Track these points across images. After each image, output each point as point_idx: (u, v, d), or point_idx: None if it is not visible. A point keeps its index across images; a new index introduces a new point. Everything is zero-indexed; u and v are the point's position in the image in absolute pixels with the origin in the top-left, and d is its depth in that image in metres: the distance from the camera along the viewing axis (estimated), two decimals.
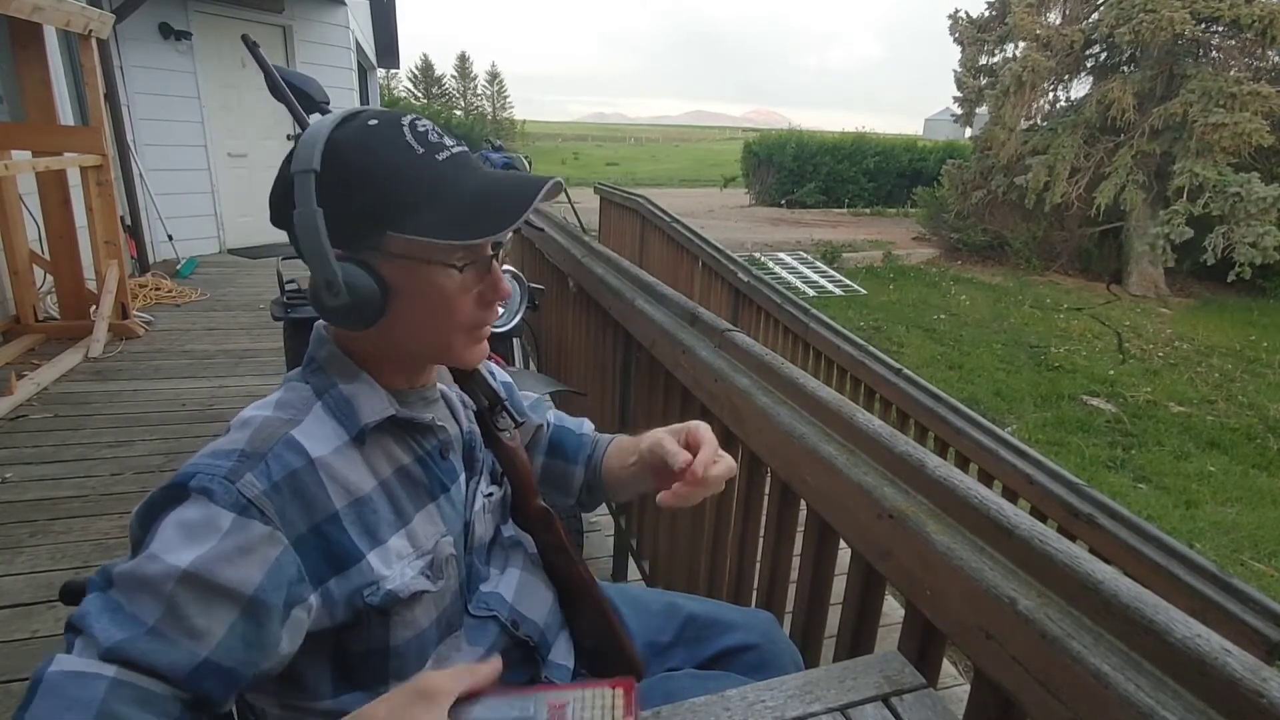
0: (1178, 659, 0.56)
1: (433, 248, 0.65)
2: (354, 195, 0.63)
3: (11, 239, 3.62)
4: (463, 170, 0.67)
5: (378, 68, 12.43)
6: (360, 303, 0.64)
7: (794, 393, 1.11)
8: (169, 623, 0.54)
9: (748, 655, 0.93)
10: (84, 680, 0.51)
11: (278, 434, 0.63)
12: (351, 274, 0.63)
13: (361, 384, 0.69)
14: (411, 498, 0.70)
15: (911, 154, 17.63)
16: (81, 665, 0.52)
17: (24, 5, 3.01)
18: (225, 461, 0.60)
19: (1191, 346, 8.39)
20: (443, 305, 0.68)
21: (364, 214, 0.64)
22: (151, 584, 0.55)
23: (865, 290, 9.74)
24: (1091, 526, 1.94)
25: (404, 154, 0.64)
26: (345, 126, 0.65)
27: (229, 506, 0.57)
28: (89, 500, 2.31)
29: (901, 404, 2.69)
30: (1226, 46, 10.56)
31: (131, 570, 0.55)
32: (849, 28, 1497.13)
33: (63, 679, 0.51)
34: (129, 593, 0.55)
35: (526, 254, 3.28)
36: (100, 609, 0.54)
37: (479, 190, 0.66)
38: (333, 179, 0.63)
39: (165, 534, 0.57)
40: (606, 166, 31.13)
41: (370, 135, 0.65)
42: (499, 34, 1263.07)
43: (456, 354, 0.73)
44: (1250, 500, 4.89)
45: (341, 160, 0.63)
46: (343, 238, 0.64)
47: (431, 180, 0.65)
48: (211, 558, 0.56)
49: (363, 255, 0.65)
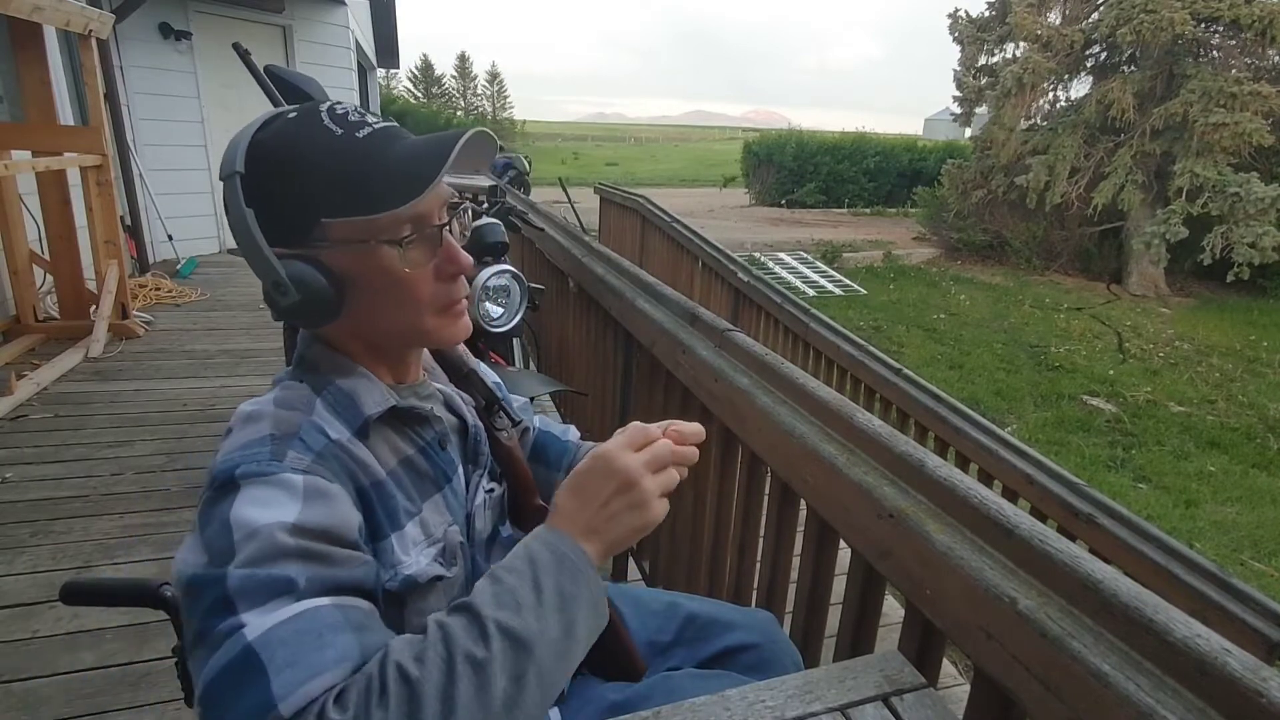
0: (1178, 658, 0.56)
1: (368, 226, 0.63)
2: (281, 189, 0.63)
3: (11, 239, 3.62)
4: (387, 143, 0.64)
5: (378, 68, 12.43)
6: (312, 298, 0.63)
7: (794, 393, 1.11)
8: (305, 565, 0.52)
9: (748, 655, 0.93)
10: (307, 614, 0.49)
11: (298, 419, 0.63)
12: (297, 270, 0.62)
13: (360, 378, 0.69)
14: (419, 488, 0.70)
15: (911, 154, 17.64)
16: (294, 609, 0.49)
17: (24, 5, 3.01)
18: (261, 448, 0.59)
19: (1191, 346, 8.39)
20: (399, 286, 0.66)
21: (295, 206, 0.63)
22: (276, 539, 0.52)
23: (865, 290, 9.75)
24: (1091, 526, 1.94)
25: (322, 138, 0.63)
26: (267, 127, 0.65)
27: (294, 474, 0.57)
28: (90, 500, 2.31)
29: (901, 404, 2.69)
30: (1226, 46, 10.56)
31: (242, 561, 0.51)
32: (849, 27, 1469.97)
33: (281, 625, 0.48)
34: (258, 551, 0.51)
35: (526, 254, 3.28)
36: (239, 591, 0.49)
37: (401, 158, 0.63)
38: (259, 178, 0.63)
39: (244, 517, 0.53)
40: (606, 166, 31.13)
41: (289, 128, 0.64)
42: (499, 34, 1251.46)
43: (434, 334, 0.70)
44: (1250, 500, 4.89)
45: (264, 158, 0.63)
46: (282, 235, 0.63)
47: (354, 158, 0.63)
48: (304, 513, 0.54)
49: (307, 250, 0.64)
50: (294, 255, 0.63)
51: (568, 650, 0.54)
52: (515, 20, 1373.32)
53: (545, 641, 0.52)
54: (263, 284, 0.64)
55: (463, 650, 0.49)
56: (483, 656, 0.49)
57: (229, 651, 0.48)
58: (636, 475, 0.59)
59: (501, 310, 1.99)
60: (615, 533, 0.59)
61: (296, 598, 0.50)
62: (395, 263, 0.65)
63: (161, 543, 2.11)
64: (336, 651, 0.49)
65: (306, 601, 0.50)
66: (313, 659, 0.48)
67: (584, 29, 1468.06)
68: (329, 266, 0.64)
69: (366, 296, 0.66)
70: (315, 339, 0.71)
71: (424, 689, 0.47)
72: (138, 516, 2.24)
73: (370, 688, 0.47)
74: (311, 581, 0.52)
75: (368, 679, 0.48)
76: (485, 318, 1.92)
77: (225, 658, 0.48)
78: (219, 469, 0.57)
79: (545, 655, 0.51)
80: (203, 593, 0.51)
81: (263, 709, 0.46)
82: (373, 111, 0.69)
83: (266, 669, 0.47)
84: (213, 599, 0.50)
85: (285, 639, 0.48)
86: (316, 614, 0.50)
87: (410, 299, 0.67)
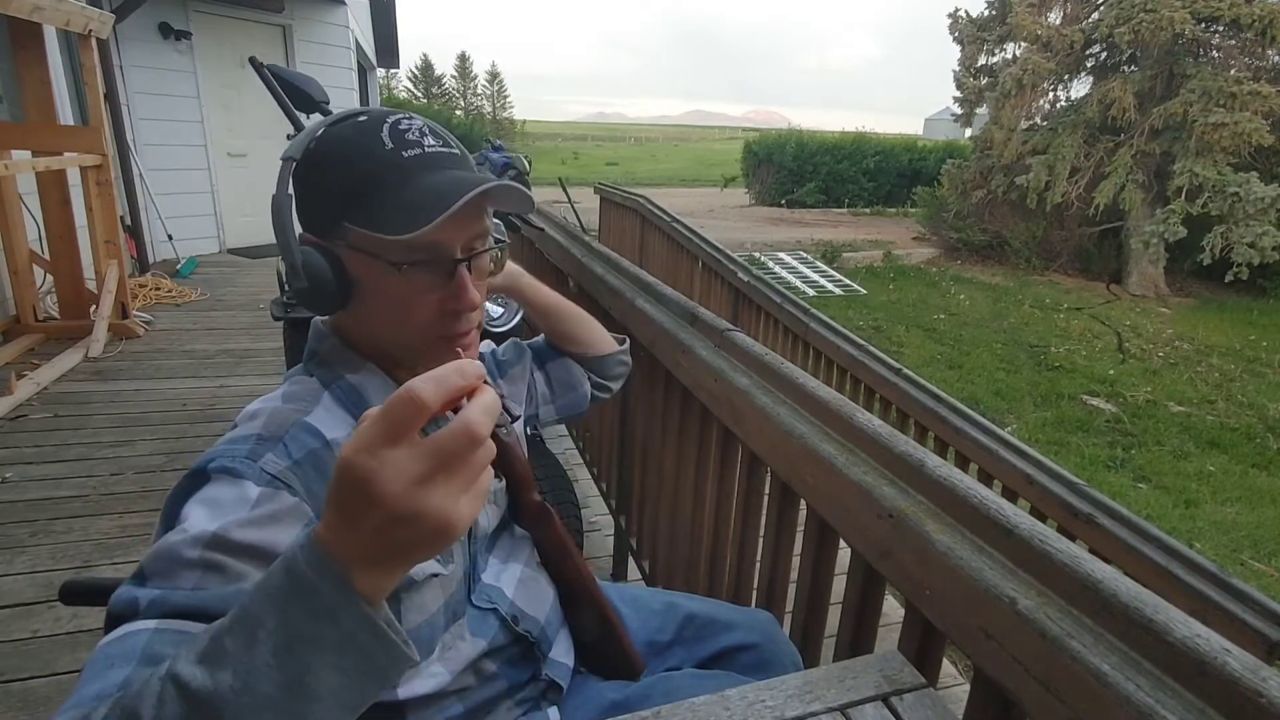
0: (1177, 659, 0.56)
1: (376, 242, 0.64)
2: (320, 184, 0.66)
3: (11, 239, 3.62)
4: (426, 169, 0.65)
5: (378, 68, 12.43)
6: (317, 288, 0.66)
7: (794, 392, 1.11)
8: (205, 577, 0.52)
9: (748, 655, 0.93)
10: (124, 639, 0.48)
11: (290, 420, 0.64)
12: (311, 259, 0.65)
13: (368, 373, 0.71)
14: None
15: (911, 154, 17.63)
16: (120, 631, 0.49)
17: (24, 5, 3.01)
18: (243, 445, 0.60)
19: (1191, 346, 8.39)
20: (395, 305, 0.67)
21: (326, 202, 0.66)
22: (181, 552, 0.52)
23: (865, 290, 9.74)
24: (1091, 526, 1.94)
25: (372, 148, 0.65)
26: (341, 123, 0.68)
27: (255, 481, 0.58)
28: (89, 500, 2.31)
29: (901, 404, 2.69)
30: (1226, 46, 10.55)
31: (159, 546, 0.53)
32: (849, 27, 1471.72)
33: (103, 647, 0.48)
34: (159, 565, 0.52)
35: (526, 254, 3.28)
36: (132, 590, 0.51)
37: (431, 189, 0.64)
38: (308, 168, 0.66)
39: (193, 512, 0.55)
40: (606, 166, 31.13)
41: (352, 130, 0.67)
42: (499, 34, 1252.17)
43: (425, 359, 0.68)
44: (1250, 500, 4.89)
45: (320, 152, 0.66)
46: (312, 225, 0.67)
47: (390, 175, 0.64)
48: (240, 523, 0.54)
49: (330, 245, 0.67)
50: (319, 245, 0.67)
51: (295, 712, 0.39)
52: (515, 20, 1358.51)
53: (247, 705, 0.39)
54: (283, 265, 0.67)
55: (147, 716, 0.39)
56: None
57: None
58: (403, 500, 0.39)
59: (501, 310, 1.99)
60: (401, 559, 0.42)
61: (132, 618, 0.49)
62: (392, 282, 0.66)
63: None
64: (99, 686, 0.44)
65: (133, 624, 0.48)
66: (83, 691, 0.45)
67: (584, 29, 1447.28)
68: (344, 264, 0.67)
69: (369, 304, 0.68)
70: (330, 333, 0.73)
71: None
72: (137, 516, 2.24)
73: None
74: (153, 604, 0.49)
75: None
76: (485, 318, 1.92)
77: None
78: (200, 459, 0.60)
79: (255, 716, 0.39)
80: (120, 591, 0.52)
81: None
82: (443, 134, 0.70)
83: (73, 693, 0.45)
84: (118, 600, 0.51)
85: (95, 660, 0.46)
86: (126, 640, 0.47)
87: (403, 320, 0.68)
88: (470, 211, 0.65)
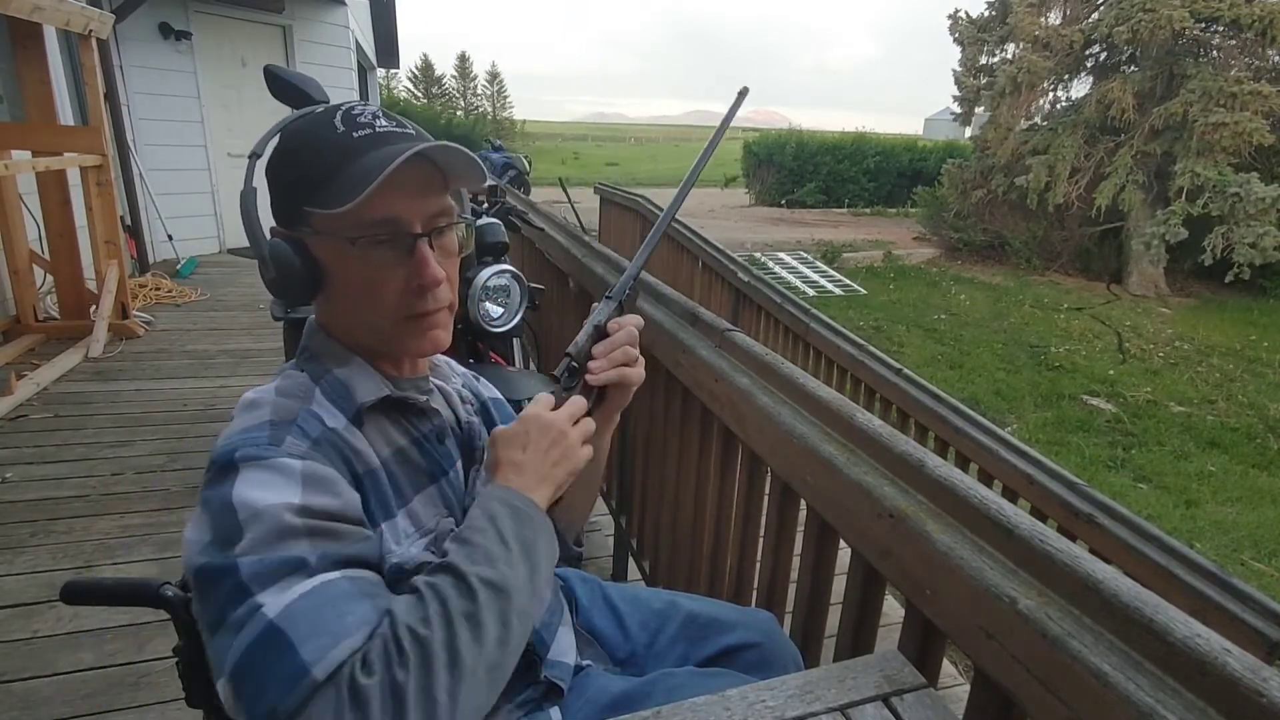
0: (1178, 659, 0.56)
1: (334, 220, 0.65)
2: (281, 174, 0.68)
3: (11, 239, 3.62)
4: (374, 146, 0.66)
5: (378, 68, 12.42)
6: (285, 276, 0.67)
7: (794, 392, 1.11)
8: (316, 541, 0.56)
9: (748, 654, 0.93)
10: (323, 587, 0.53)
11: (296, 407, 0.65)
12: (277, 249, 0.67)
13: (355, 367, 0.71)
14: (411, 480, 0.72)
15: (911, 154, 17.63)
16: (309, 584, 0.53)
17: (24, 5, 3.01)
18: (261, 433, 0.61)
19: (1192, 346, 8.39)
20: (361, 286, 0.68)
21: (288, 191, 0.68)
22: (285, 520, 0.55)
23: (865, 290, 9.74)
24: (1091, 526, 1.94)
25: (324, 134, 0.67)
26: (300, 119, 0.70)
27: (292, 458, 0.60)
28: (90, 500, 2.31)
29: (902, 404, 2.69)
30: (1227, 46, 10.55)
31: (252, 544, 0.54)
32: (849, 27, 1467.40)
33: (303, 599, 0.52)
34: (267, 554, 0.54)
35: (526, 254, 3.28)
36: (253, 576, 0.53)
37: (376, 160, 0.64)
38: (271, 163, 0.69)
39: (247, 499, 0.56)
40: (606, 166, 31.10)
41: (306, 121, 0.69)
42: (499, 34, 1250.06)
43: (397, 341, 0.71)
44: (1250, 500, 4.89)
45: (280, 146, 0.70)
46: (280, 217, 0.70)
47: (340, 155, 0.65)
48: (306, 495, 0.58)
49: (298, 234, 0.68)
50: (286, 235, 0.68)
51: (536, 587, 0.61)
52: (515, 20, 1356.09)
53: (519, 584, 0.59)
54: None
55: (456, 606, 0.55)
56: (472, 609, 0.55)
57: (252, 630, 0.51)
58: (564, 428, 0.70)
59: (501, 310, 1.98)
60: (556, 478, 0.68)
61: (309, 574, 0.54)
62: (358, 262, 0.67)
63: (162, 543, 2.11)
64: (355, 618, 0.53)
65: (319, 576, 0.54)
66: (334, 627, 0.52)
67: (584, 29, 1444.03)
68: (312, 252, 0.68)
69: (338, 289, 0.69)
70: (319, 329, 0.73)
71: (432, 645, 0.52)
72: (138, 516, 2.24)
73: (389, 650, 0.52)
74: (322, 558, 0.55)
75: (384, 642, 0.52)
76: (485, 318, 1.92)
77: (249, 636, 0.51)
78: (219, 452, 0.60)
79: (521, 596, 0.59)
80: (217, 581, 0.54)
81: (297, 676, 0.49)
82: (397, 117, 0.71)
83: (292, 641, 0.50)
84: (229, 586, 0.53)
85: (304, 612, 0.52)
86: (330, 586, 0.54)
87: (372, 300, 0.68)
88: (425, 185, 0.68)
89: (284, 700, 0.49)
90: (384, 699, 0.49)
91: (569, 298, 2.49)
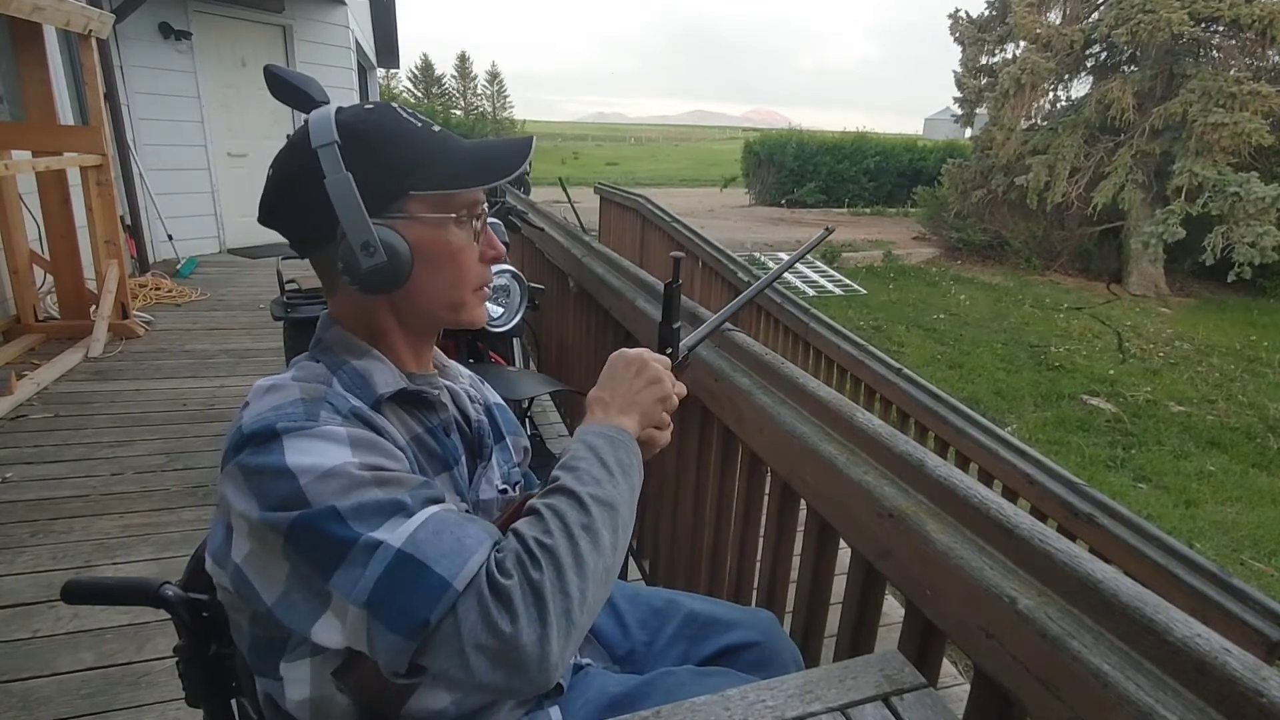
0: (1178, 658, 0.56)
1: (446, 201, 0.72)
2: (376, 159, 0.69)
3: (11, 239, 3.62)
4: (451, 139, 0.75)
5: (377, 67, 12.43)
6: (395, 261, 0.69)
7: (794, 392, 1.11)
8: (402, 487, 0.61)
9: (748, 653, 0.93)
10: (434, 518, 0.59)
11: (322, 389, 0.67)
12: (386, 235, 0.68)
13: (373, 359, 0.73)
14: (430, 465, 0.73)
15: (911, 154, 17.62)
16: (420, 518, 0.59)
17: (24, 5, 3.01)
18: (295, 409, 0.63)
19: (1192, 346, 8.39)
20: (454, 260, 0.74)
21: (388, 175, 0.69)
22: (354, 474, 0.59)
23: (865, 290, 9.74)
24: (1091, 526, 1.94)
25: (406, 125, 0.72)
26: (344, 111, 0.71)
27: (332, 426, 0.62)
28: (90, 500, 2.31)
29: (901, 403, 2.69)
30: (1226, 46, 10.55)
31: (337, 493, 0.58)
32: (849, 27, 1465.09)
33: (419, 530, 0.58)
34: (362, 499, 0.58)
35: (527, 254, 3.28)
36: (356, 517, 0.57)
37: (476, 149, 0.74)
38: (352, 148, 0.68)
39: (305, 463, 0.59)
40: (606, 166, 31.10)
41: (372, 115, 0.72)
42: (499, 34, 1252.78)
43: (469, 311, 0.78)
44: (1250, 500, 4.89)
45: (356, 132, 0.69)
46: (369, 204, 0.68)
47: (436, 143, 0.72)
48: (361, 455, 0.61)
49: (386, 220, 0.69)
50: (380, 222, 0.69)
51: (634, 501, 0.69)
52: (515, 20, 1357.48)
53: (623, 500, 0.67)
54: (346, 244, 0.67)
55: (575, 520, 0.62)
56: (589, 522, 0.62)
57: (381, 561, 0.56)
58: (645, 357, 0.78)
59: (502, 310, 1.99)
60: (642, 403, 0.75)
61: (410, 513, 0.59)
62: (458, 239, 0.73)
63: (162, 542, 2.11)
64: (474, 538, 0.59)
65: (423, 512, 0.59)
66: (457, 547, 0.58)
67: (584, 29, 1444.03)
68: (404, 237, 0.69)
69: (426, 270, 0.72)
70: (333, 323, 0.75)
71: (559, 551, 0.59)
72: (138, 516, 2.24)
73: (521, 557, 0.58)
74: (415, 497, 0.60)
75: (515, 552, 0.59)
76: (485, 317, 1.92)
77: (380, 567, 0.56)
78: (254, 426, 0.61)
79: (625, 509, 0.67)
80: (320, 528, 0.57)
81: (440, 589, 0.55)
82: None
83: (424, 563, 0.56)
84: (338, 531, 0.57)
85: (426, 539, 0.57)
86: (437, 517, 0.60)
87: (460, 273, 0.75)
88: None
89: (433, 611, 0.55)
90: (524, 594, 0.56)
91: (569, 297, 2.49)
